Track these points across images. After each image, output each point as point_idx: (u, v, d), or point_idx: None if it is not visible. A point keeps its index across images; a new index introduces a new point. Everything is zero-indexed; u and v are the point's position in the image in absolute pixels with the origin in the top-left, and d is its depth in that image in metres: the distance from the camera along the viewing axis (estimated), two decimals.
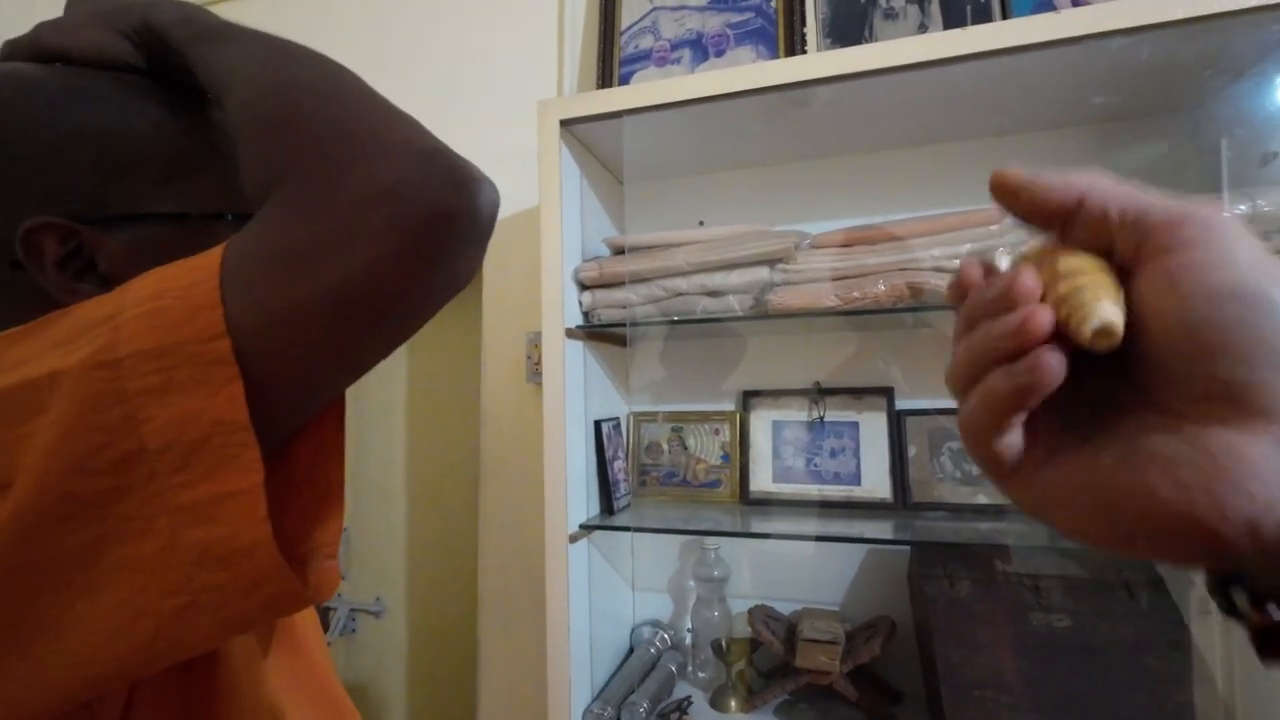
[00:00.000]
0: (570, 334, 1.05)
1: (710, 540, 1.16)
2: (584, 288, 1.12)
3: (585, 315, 1.12)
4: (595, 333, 1.14)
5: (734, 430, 1.21)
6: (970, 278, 0.26)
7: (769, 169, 1.24)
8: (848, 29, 1.12)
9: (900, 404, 1.12)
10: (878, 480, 1.10)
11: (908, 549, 1.10)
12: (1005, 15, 1.01)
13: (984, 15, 1.03)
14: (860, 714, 1.00)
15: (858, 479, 1.12)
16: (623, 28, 1.26)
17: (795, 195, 1.22)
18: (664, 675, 1.12)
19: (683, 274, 1.06)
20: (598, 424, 1.12)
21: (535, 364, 1.31)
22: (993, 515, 1.02)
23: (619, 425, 1.23)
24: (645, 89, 1.01)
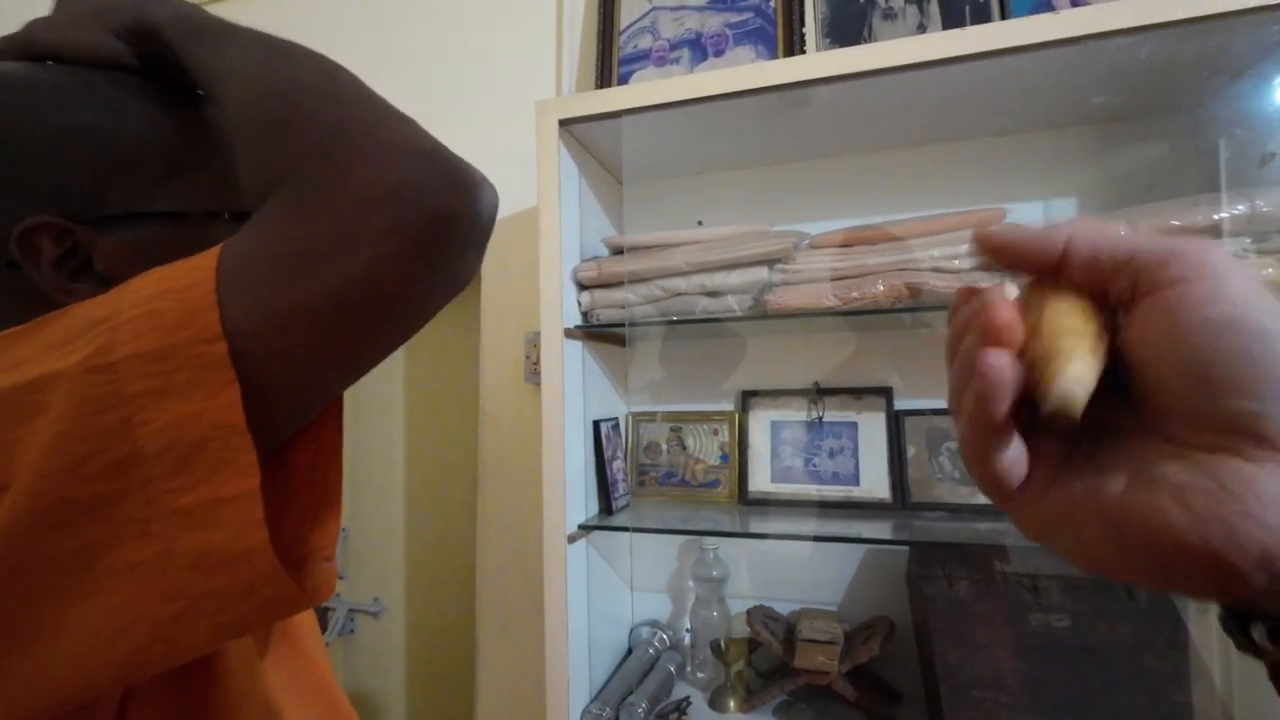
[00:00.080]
0: (569, 334, 1.05)
1: (709, 540, 1.16)
2: (583, 288, 1.12)
3: (584, 315, 1.12)
4: (594, 333, 1.14)
5: (733, 430, 1.21)
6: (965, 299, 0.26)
7: (768, 169, 1.24)
8: (847, 29, 1.12)
9: (899, 404, 1.12)
10: (876, 480, 1.10)
11: (906, 549, 1.10)
12: (1004, 15, 1.01)
13: (983, 15, 1.03)
14: (859, 714, 1.00)
15: (856, 479, 1.12)
16: (622, 27, 1.26)
17: (794, 195, 1.22)
18: (662, 675, 1.12)
19: (682, 274, 1.06)
20: (596, 424, 1.12)
21: (534, 364, 1.31)
22: (991, 515, 1.02)
23: (618, 425, 1.23)
24: (644, 89, 1.00)
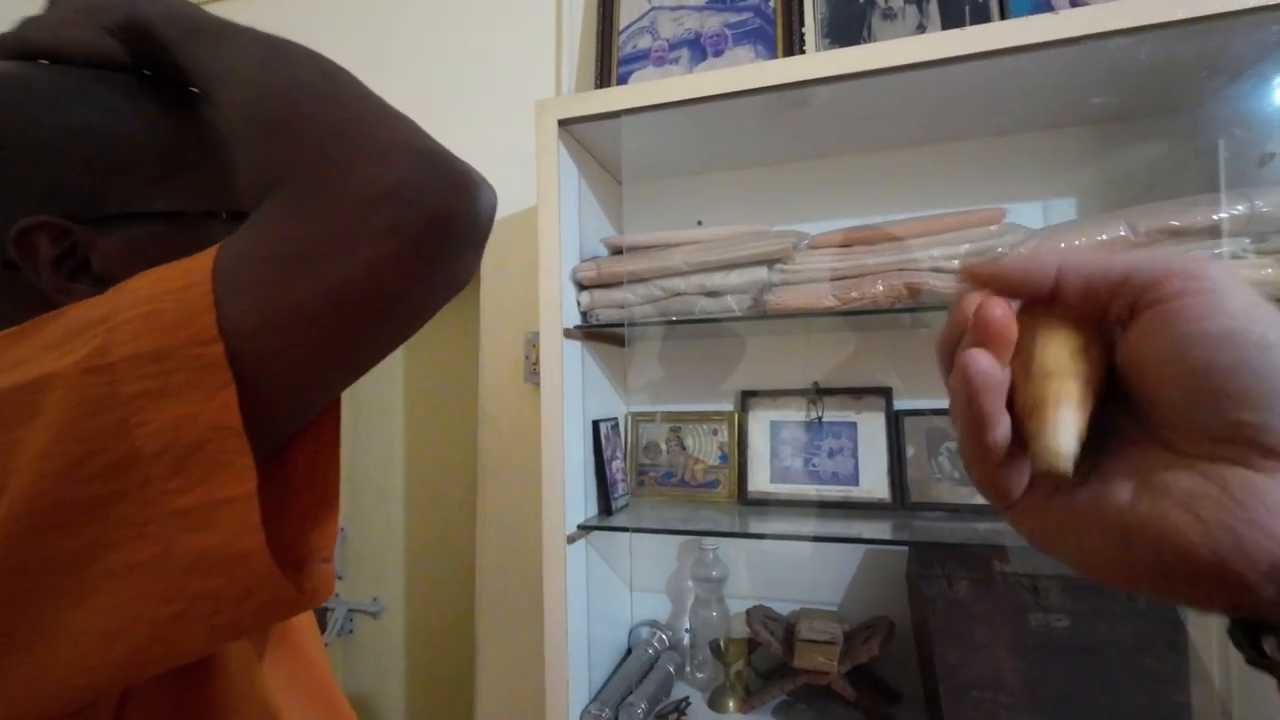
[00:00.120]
0: (568, 334, 1.05)
1: (708, 540, 1.16)
2: (582, 288, 1.12)
3: (583, 315, 1.12)
4: (593, 333, 1.14)
5: (732, 430, 1.21)
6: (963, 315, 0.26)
7: (767, 169, 1.24)
8: (846, 29, 1.12)
9: (898, 404, 1.12)
10: (876, 480, 1.10)
11: (906, 549, 1.10)
12: (1003, 15, 1.01)
13: (982, 15, 1.03)
14: (858, 714, 1.00)
15: (856, 479, 1.12)
16: (621, 27, 1.26)
17: (794, 195, 1.22)
18: (662, 676, 1.11)
19: (681, 274, 1.06)
20: (596, 424, 1.12)
21: (533, 364, 1.31)
22: (991, 515, 1.02)
23: (617, 425, 1.23)
24: (643, 89, 1.00)
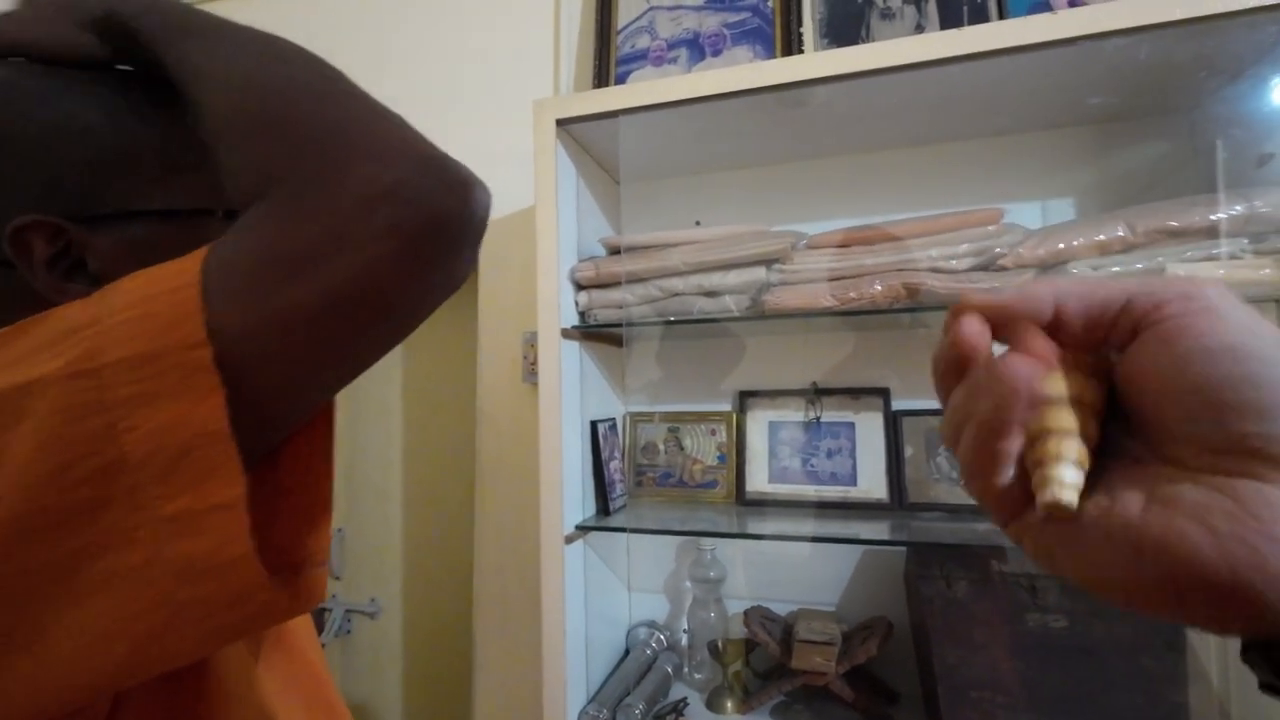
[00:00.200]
0: (566, 334, 1.05)
1: (706, 541, 1.16)
2: (580, 288, 1.12)
3: (581, 315, 1.11)
4: (591, 333, 1.14)
5: (730, 431, 1.21)
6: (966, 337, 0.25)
7: (766, 169, 1.24)
8: (844, 29, 1.12)
9: (896, 404, 1.12)
10: (874, 481, 1.10)
11: (904, 549, 1.10)
12: (1002, 16, 1.02)
13: (980, 16, 1.03)
14: (856, 715, 1.00)
15: (854, 479, 1.12)
16: (619, 27, 1.26)
17: (792, 195, 1.22)
18: (660, 676, 1.11)
19: (679, 274, 1.06)
20: (594, 424, 1.12)
21: (531, 364, 1.31)
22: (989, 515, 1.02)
23: (615, 426, 1.23)
24: (641, 88, 1.00)
